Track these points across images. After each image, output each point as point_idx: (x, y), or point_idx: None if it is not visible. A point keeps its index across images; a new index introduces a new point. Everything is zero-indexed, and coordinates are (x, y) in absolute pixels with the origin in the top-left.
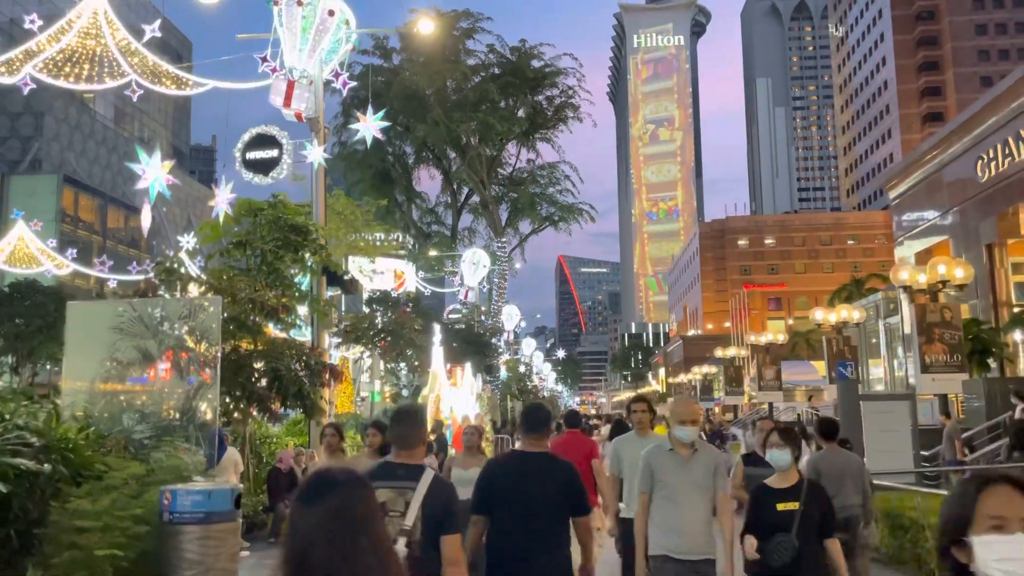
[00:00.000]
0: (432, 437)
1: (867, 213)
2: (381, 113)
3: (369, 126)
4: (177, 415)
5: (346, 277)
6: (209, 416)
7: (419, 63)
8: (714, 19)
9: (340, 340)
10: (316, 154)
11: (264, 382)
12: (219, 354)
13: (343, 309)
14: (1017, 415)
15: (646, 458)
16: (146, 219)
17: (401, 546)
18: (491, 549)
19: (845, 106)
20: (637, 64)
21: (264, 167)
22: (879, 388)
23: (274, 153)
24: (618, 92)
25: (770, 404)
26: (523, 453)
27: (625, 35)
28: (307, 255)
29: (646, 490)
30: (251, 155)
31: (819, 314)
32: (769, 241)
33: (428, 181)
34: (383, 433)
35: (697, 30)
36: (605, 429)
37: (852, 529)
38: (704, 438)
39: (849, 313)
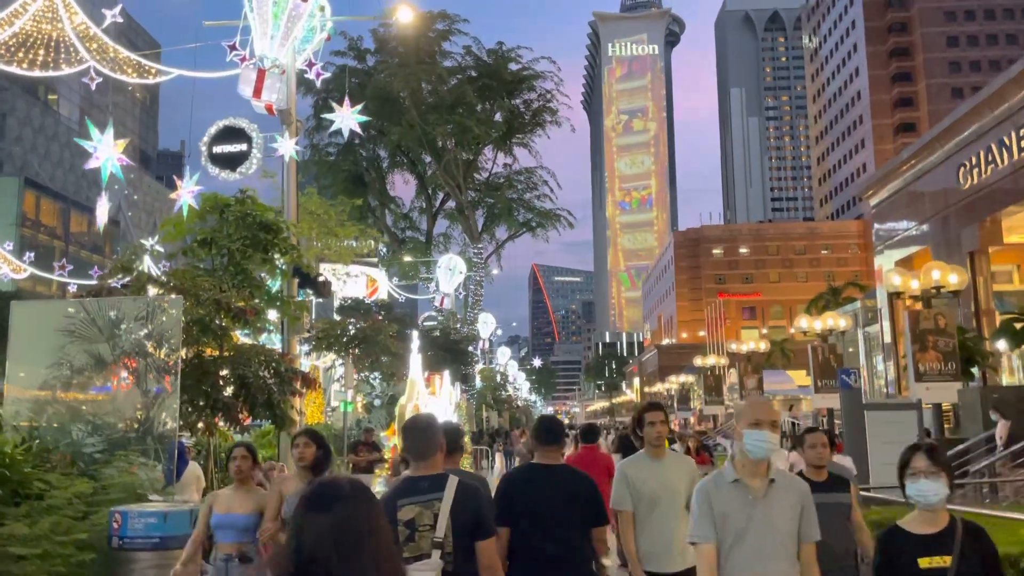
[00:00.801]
0: None
1: (841, 223)
2: (359, 107)
3: (346, 116)
4: (136, 425)
5: (319, 279)
6: (170, 426)
7: (394, 65)
8: (688, 29)
9: (311, 347)
10: (287, 147)
11: (230, 390)
12: (179, 359)
13: (314, 316)
14: (998, 430)
15: (704, 492)
16: (102, 212)
17: (436, 559)
18: (514, 561)
19: (818, 116)
20: (612, 64)
21: (232, 162)
22: None
23: (243, 147)
24: (592, 101)
25: None
26: (541, 465)
27: (600, 44)
28: (277, 255)
29: (707, 538)
30: (218, 149)
31: (804, 322)
32: (743, 250)
33: (402, 187)
34: (318, 445)
35: (671, 39)
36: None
37: None
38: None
39: (835, 321)
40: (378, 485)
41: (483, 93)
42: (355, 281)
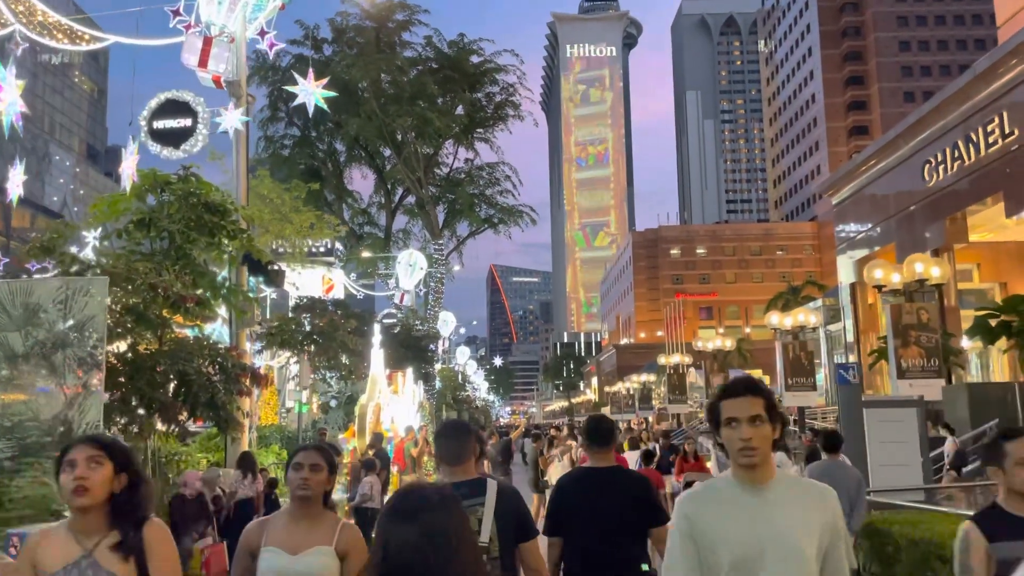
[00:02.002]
0: (371, 453)
1: (795, 224)
2: (324, 81)
3: (308, 90)
4: (61, 429)
5: (272, 267)
6: (95, 429)
7: (352, 55)
8: (645, 33)
9: (263, 344)
10: (233, 119)
11: (170, 388)
12: (104, 351)
13: (268, 313)
14: (947, 447)
15: None
16: (14, 183)
17: None
18: (569, 570)
19: (773, 119)
20: (571, 60)
21: (175, 138)
22: (819, 398)
23: (187, 122)
24: (551, 103)
25: None
26: (592, 469)
27: (558, 46)
28: (224, 239)
29: None
30: (160, 124)
31: (775, 318)
32: (700, 251)
33: (360, 182)
34: (121, 465)
35: (629, 42)
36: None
37: None
38: (658, 454)
39: (806, 317)
40: (338, 492)
41: (444, 85)
42: (311, 271)
